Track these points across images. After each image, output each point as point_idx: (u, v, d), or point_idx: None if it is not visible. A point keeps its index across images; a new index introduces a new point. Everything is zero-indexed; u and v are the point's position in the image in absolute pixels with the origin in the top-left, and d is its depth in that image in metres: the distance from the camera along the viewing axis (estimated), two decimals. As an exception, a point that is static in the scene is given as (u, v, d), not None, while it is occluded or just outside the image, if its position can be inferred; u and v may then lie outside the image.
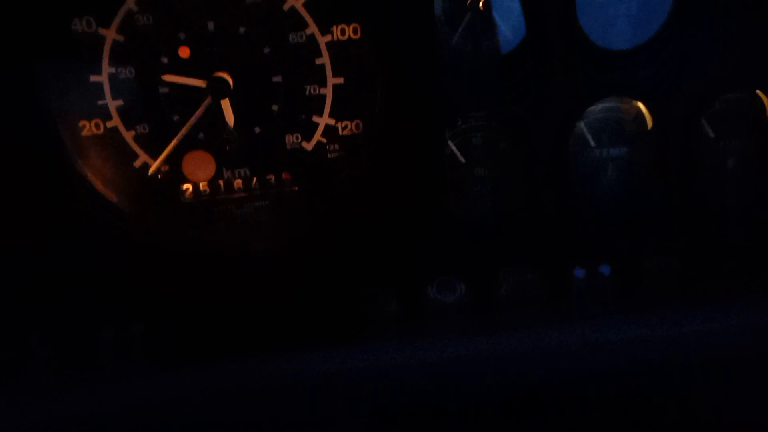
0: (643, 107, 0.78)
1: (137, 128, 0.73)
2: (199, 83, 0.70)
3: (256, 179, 0.76)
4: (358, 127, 0.75)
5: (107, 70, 0.69)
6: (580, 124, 0.78)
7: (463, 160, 0.79)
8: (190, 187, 0.76)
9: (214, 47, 0.69)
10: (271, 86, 0.72)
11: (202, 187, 0.76)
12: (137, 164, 0.74)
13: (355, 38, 0.70)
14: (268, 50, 0.70)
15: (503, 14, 0.71)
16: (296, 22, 0.69)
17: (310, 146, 0.75)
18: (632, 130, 0.79)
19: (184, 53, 0.69)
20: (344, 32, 0.70)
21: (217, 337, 0.75)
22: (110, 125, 0.72)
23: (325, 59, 0.71)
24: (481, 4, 0.70)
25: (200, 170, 0.75)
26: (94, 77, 0.70)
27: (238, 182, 0.76)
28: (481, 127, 0.78)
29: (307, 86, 0.72)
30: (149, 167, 0.74)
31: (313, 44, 0.70)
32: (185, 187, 0.76)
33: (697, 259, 0.82)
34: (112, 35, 0.68)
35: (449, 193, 0.79)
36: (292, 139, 0.75)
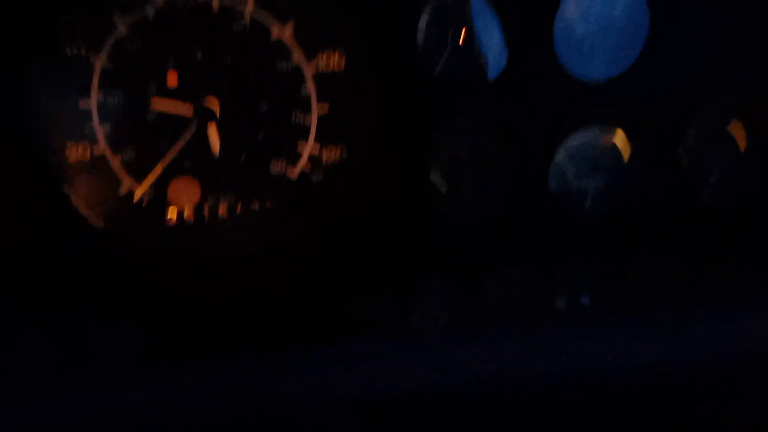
0: (621, 136, 0.80)
1: (124, 154, 0.73)
2: (186, 111, 0.71)
3: (240, 206, 0.77)
4: (342, 154, 0.76)
5: (96, 95, 0.70)
6: (559, 153, 0.80)
7: (445, 186, 0.80)
8: (175, 212, 0.77)
9: (201, 75, 0.71)
10: (257, 114, 0.73)
11: (187, 213, 0.77)
12: (123, 190, 0.75)
13: (339, 68, 0.72)
14: (254, 78, 0.72)
15: (483, 46, 0.74)
16: (282, 51, 0.71)
17: (294, 173, 0.76)
18: (610, 158, 0.81)
19: (172, 81, 0.71)
20: (329, 62, 0.72)
21: (204, 343, 0.75)
22: (97, 151, 0.73)
23: (310, 88, 0.73)
24: (461, 36, 0.73)
25: (185, 196, 0.76)
26: (82, 102, 0.71)
27: (222, 208, 0.77)
28: (463, 154, 0.79)
29: (292, 114, 0.74)
30: (134, 193, 0.75)
31: (298, 73, 0.72)
32: (170, 212, 0.77)
33: (676, 286, 0.83)
34: (101, 62, 0.69)
35: (432, 218, 0.80)
36: (277, 165, 0.76)
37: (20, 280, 0.74)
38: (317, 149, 0.76)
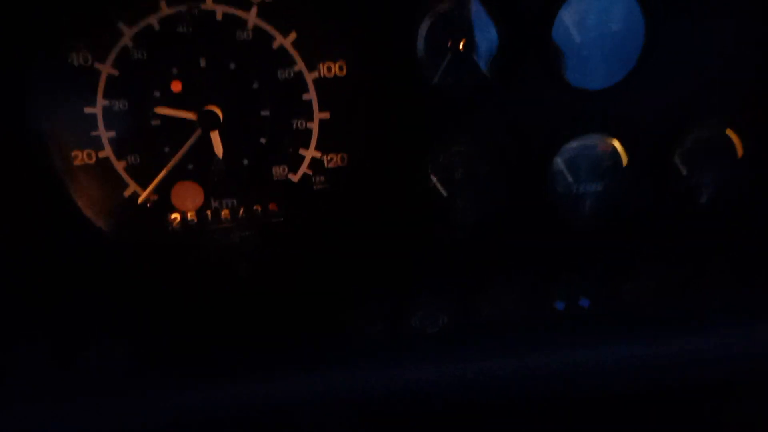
0: (618, 144, 0.81)
1: (128, 158, 0.75)
2: (190, 116, 0.72)
3: (243, 209, 0.78)
4: (343, 160, 0.78)
5: (101, 102, 0.72)
6: (557, 159, 0.81)
7: (444, 193, 0.81)
8: (178, 216, 0.78)
9: (205, 82, 0.72)
10: (259, 120, 0.74)
11: (190, 216, 0.78)
12: (127, 193, 0.76)
13: (340, 76, 0.74)
14: (257, 86, 0.73)
15: (482, 54, 0.75)
16: (285, 59, 0.72)
17: (296, 178, 0.78)
18: (608, 165, 0.82)
19: (176, 87, 0.72)
20: (330, 70, 0.73)
21: (201, 357, 0.76)
22: (102, 155, 0.74)
23: (312, 95, 0.74)
24: (461, 45, 0.74)
25: (189, 200, 0.77)
26: (88, 109, 0.72)
27: (225, 212, 0.78)
28: (461, 161, 0.80)
29: (294, 120, 0.75)
30: (139, 196, 0.76)
31: (300, 81, 0.73)
32: (173, 216, 0.78)
33: (673, 290, 0.84)
34: (107, 69, 0.70)
35: (430, 224, 0.81)
36: (279, 170, 0.77)
37: (25, 280, 0.75)
38: (319, 154, 0.77)
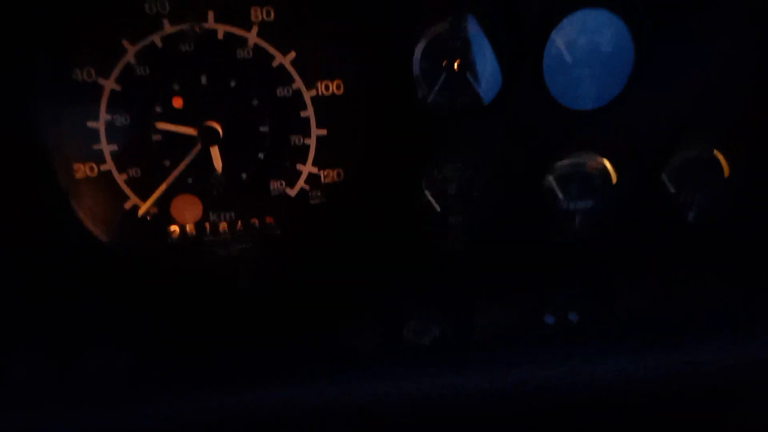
0: (608, 163, 0.83)
1: (129, 172, 0.76)
2: (190, 131, 0.74)
3: (240, 222, 0.80)
4: (339, 175, 0.79)
5: (104, 116, 0.73)
6: (549, 177, 0.83)
7: (438, 208, 0.83)
8: (177, 228, 0.79)
9: (205, 98, 0.74)
10: (258, 135, 0.76)
11: (188, 228, 0.80)
12: (127, 206, 0.78)
13: (338, 94, 0.76)
14: (256, 102, 0.75)
15: (476, 74, 0.77)
16: (284, 77, 0.74)
17: (293, 192, 0.80)
18: (597, 184, 0.84)
19: (177, 103, 0.74)
20: (328, 88, 0.75)
21: (197, 366, 0.77)
22: (104, 168, 0.76)
23: (309, 112, 0.76)
24: (455, 65, 0.76)
25: (188, 213, 0.79)
26: (91, 123, 0.74)
27: (223, 225, 0.80)
28: (455, 177, 0.82)
29: (292, 136, 0.77)
30: (139, 209, 0.78)
31: (299, 98, 0.75)
32: (173, 228, 0.79)
33: (662, 306, 0.86)
34: (110, 85, 0.72)
35: (424, 238, 0.83)
36: (276, 185, 0.79)
37: (26, 288, 0.76)
38: (316, 169, 0.79)
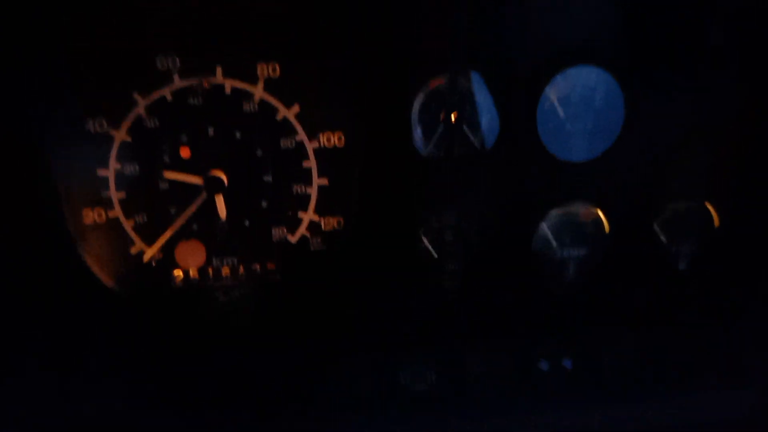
0: (600, 212, 0.85)
1: (136, 218, 0.79)
2: (196, 180, 0.77)
3: (243, 268, 0.82)
4: (339, 223, 0.82)
5: (114, 165, 0.76)
6: (543, 225, 0.85)
7: (436, 255, 0.85)
8: (181, 273, 0.81)
9: (212, 149, 0.77)
10: (261, 184, 0.79)
11: (192, 273, 0.82)
12: (133, 251, 0.80)
13: (339, 145, 0.78)
14: (260, 153, 0.78)
15: (473, 126, 0.80)
16: (287, 130, 0.77)
17: (294, 239, 0.82)
18: (591, 232, 0.86)
19: (184, 153, 0.77)
20: (330, 140, 0.78)
21: (197, 412, 0.78)
22: (111, 215, 0.78)
23: (312, 163, 0.79)
24: (453, 117, 0.79)
25: (192, 258, 0.81)
26: (101, 171, 0.76)
27: (226, 270, 0.82)
28: (452, 225, 0.84)
29: (294, 186, 0.79)
30: (144, 254, 0.80)
31: (301, 149, 0.78)
32: (176, 273, 0.81)
33: (654, 353, 0.87)
34: (121, 136, 0.75)
35: (422, 285, 0.84)
36: (278, 232, 0.81)
37: (30, 331, 0.78)
38: (317, 217, 0.81)
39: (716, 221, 0.88)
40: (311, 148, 0.78)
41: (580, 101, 0.80)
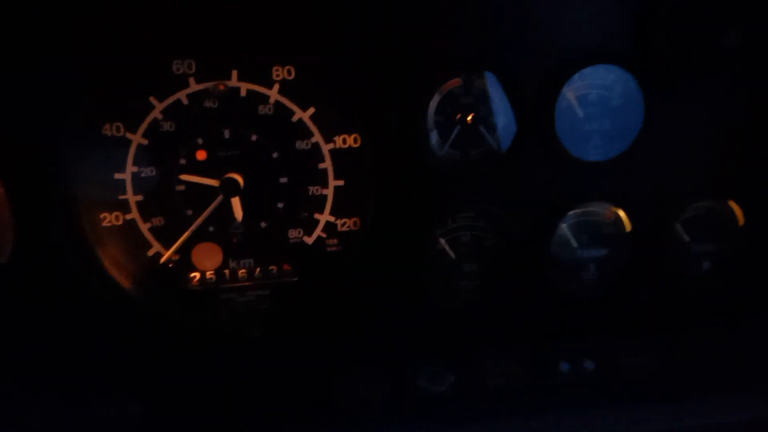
0: (622, 212, 0.84)
1: (153, 221, 0.79)
2: (212, 183, 0.77)
3: (259, 269, 0.82)
4: (355, 224, 0.81)
5: (131, 168, 0.77)
6: (562, 225, 0.84)
7: (453, 256, 0.84)
8: (197, 275, 0.82)
9: (228, 151, 0.77)
10: (277, 186, 0.79)
11: (208, 275, 0.82)
12: (150, 253, 0.80)
13: (355, 147, 0.78)
14: (276, 155, 0.78)
15: (489, 127, 0.79)
16: (303, 131, 0.77)
17: (310, 240, 0.82)
18: (611, 232, 0.85)
19: (200, 156, 0.77)
20: (345, 141, 0.78)
21: (212, 418, 0.78)
22: (128, 217, 0.79)
23: (327, 164, 0.79)
24: (468, 118, 0.78)
25: (208, 260, 0.81)
26: (118, 175, 0.77)
27: (242, 272, 0.82)
28: (469, 226, 0.84)
29: (310, 187, 0.79)
30: (161, 256, 0.80)
31: (317, 151, 0.78)
32: (193, 275, 0.82)
33: (675, 356, 0.86)
34: (138, 139, 0.76)
35: (439, 286, 0.84)
36: (294, 233, 0.81)
37: (45, 333, 0.78)
38: (333, 218, 0.81)
39: (741, 220, 0.86)
40: (327, 149, 0.78)
41: (598, 100, 0.79)
